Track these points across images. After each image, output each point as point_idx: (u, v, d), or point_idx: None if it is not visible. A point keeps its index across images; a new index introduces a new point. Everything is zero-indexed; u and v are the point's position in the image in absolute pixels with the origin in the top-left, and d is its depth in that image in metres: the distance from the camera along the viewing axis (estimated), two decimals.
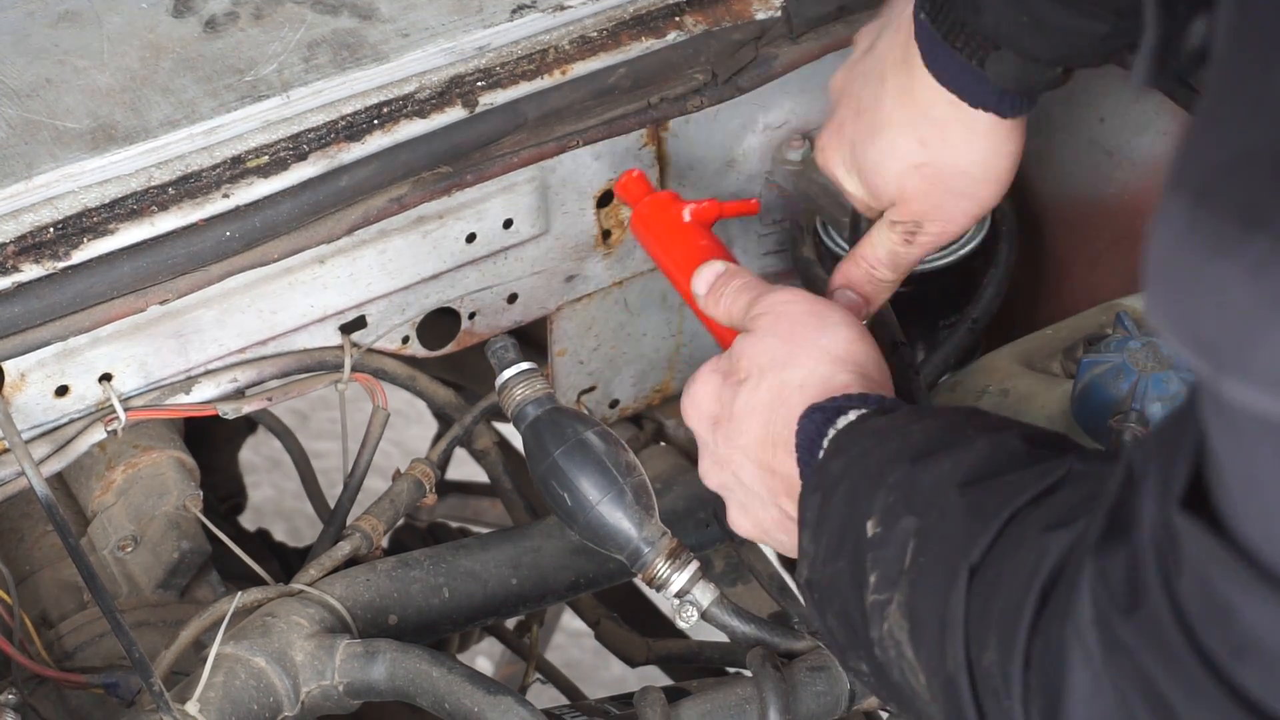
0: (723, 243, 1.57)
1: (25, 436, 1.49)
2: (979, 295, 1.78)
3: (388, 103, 1.54)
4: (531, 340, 1.85)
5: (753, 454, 1.36)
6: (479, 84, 1.57)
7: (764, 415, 1.35)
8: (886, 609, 1.18)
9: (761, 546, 1.52)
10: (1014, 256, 1.79)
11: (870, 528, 1.20)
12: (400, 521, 1.83)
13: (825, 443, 1.29)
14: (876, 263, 1.49)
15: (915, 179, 1.44)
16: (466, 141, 1.56)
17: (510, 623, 2.01)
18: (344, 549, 1.57)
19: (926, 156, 1.42)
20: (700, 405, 1.41)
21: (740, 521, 1.40)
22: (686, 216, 1.56)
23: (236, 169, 1.49)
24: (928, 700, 1.16)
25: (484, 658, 3.03)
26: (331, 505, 1.71)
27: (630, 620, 1.84)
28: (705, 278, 1.47)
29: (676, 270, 1.54)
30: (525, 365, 1.49)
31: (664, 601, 1.48)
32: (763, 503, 1.36)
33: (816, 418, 1.31)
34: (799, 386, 1.34)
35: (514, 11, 1.60)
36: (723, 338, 1.48)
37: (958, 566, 1.12)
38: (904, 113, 1.42)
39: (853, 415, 1.29)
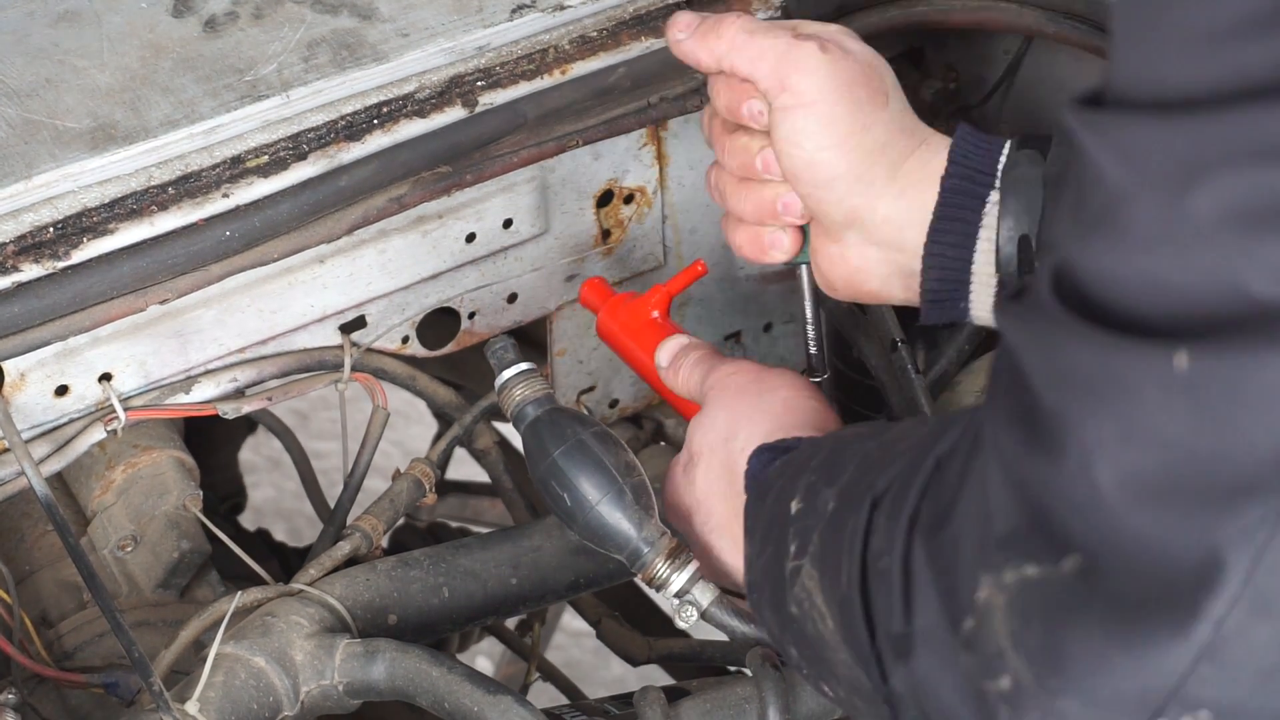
0: (683, 329, 1.57)
1: (25, 436, 1.49)
2: None
3: (387, 102, 1.54)
4: (531, 340, 1.85)
5: (727, 532, 1.37)
6: (479, 84, 1.57)
7: (722, 490, 1.37)
8: (801, 570, 1.18)
9: None
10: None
11: (793, 506, 1.20)
12: (400, 521, 1.83)
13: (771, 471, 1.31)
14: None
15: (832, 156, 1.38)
16: (466, 141, 1.57)
17: (511, 622, 2.01)
18: (344, 549, 1.57)
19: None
20: (675, 505, 1.43)
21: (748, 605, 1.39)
22: (655, 314, 1.56)
23: (236, 169, 1.49)
24: (835, 645, 1.16)
25: (484, 657, 3.04)
26: (331, 505, 1.71)
27: (631, 619, 1.85)
28: (669, 350, 1.50)
29: (649, 358, 1.55)
30: (524, 365, 1.49)
31: (664, 601, 1.48)
32: None
33: (764, 456, 1.33)
34: (742, 451, 1.35)
35: (514, 11, 1.60)
36: (687, 412, 1.49)
37: (862, 501, 1.12)
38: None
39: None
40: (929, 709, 1.06)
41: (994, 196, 1.35)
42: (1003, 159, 1.36)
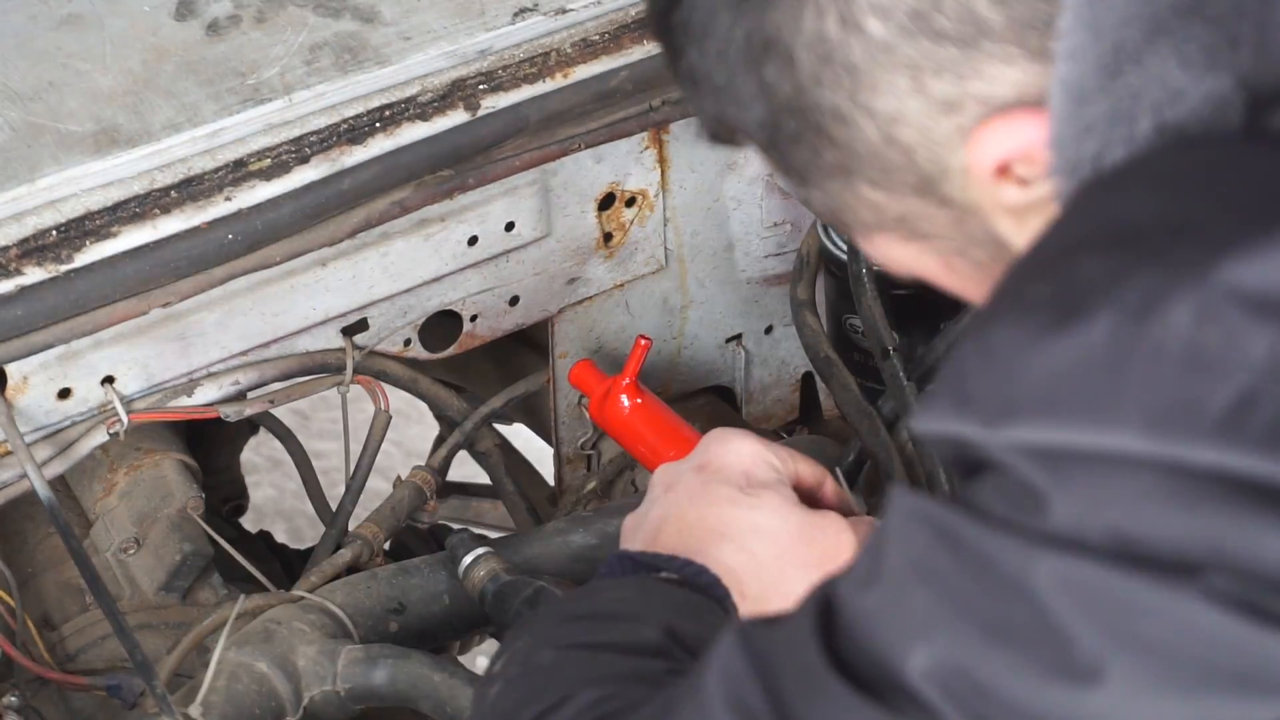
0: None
1: (28, 439, 1.49)
2: None
3: (390, 105, 1.55)
4: (533, 343, 1.85)
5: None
6: (481, 87, 1.57)
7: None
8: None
9: None
10: None
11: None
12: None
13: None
14: None
15: None
16: (468, 144, 1.57)
17: None
18: (345, 556, 1.58)
19: None
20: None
21: None
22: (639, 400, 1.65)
23: (239, 172, 1.50)
24: None
25: (485, 658, 3.03)
26: (333, 506, 1.71)
27: None
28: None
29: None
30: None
31: None
32: None
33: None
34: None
35: (516, 14, 1.60)
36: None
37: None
38: None
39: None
40: None
41: None
42: None
